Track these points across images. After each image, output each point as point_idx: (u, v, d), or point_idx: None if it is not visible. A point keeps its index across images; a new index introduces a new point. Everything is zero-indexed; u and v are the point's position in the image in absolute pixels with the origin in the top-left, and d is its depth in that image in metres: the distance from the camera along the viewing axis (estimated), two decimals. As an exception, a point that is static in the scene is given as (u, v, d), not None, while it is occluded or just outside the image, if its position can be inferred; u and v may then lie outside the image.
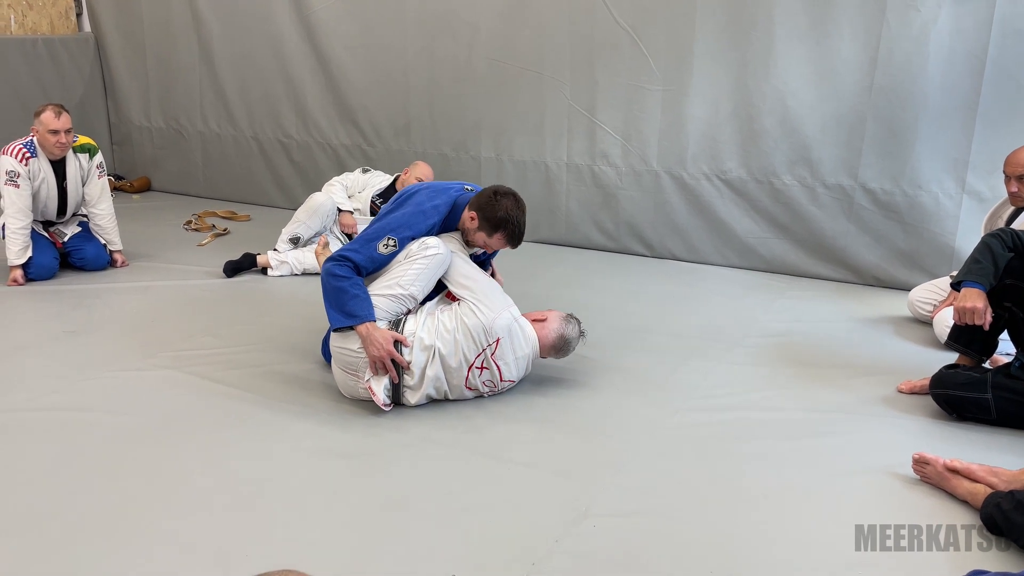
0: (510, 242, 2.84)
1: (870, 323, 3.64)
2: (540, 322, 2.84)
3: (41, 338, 3.40)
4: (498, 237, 2.80)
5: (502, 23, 4.75)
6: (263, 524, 2.12)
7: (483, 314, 2.70)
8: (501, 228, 2.78)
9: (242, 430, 2.62)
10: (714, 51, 4.24)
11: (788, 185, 4.24)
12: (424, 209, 2.82)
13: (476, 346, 2.69)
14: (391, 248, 2.76)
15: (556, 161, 4.82)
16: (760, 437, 2.60)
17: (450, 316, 2.73)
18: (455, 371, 2.71)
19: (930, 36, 3.75)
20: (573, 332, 2.86)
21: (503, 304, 2.77)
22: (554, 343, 2.83)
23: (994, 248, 2.63)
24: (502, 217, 2.76)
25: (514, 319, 2.76)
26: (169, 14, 5.93)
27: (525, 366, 2.82)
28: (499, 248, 2.91)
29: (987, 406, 2.60)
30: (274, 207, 5.83)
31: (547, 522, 2.13)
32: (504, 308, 2.76)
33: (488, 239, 2.82)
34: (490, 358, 2.72)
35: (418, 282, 2.73)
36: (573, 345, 2.88)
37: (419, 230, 2.79)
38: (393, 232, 2.77)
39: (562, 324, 2.85)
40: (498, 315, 2.72)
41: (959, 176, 3.85)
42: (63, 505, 2.19)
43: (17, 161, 3.98)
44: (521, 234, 2.83)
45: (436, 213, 2.83)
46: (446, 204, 2.86)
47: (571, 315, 2.91)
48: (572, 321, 2.88)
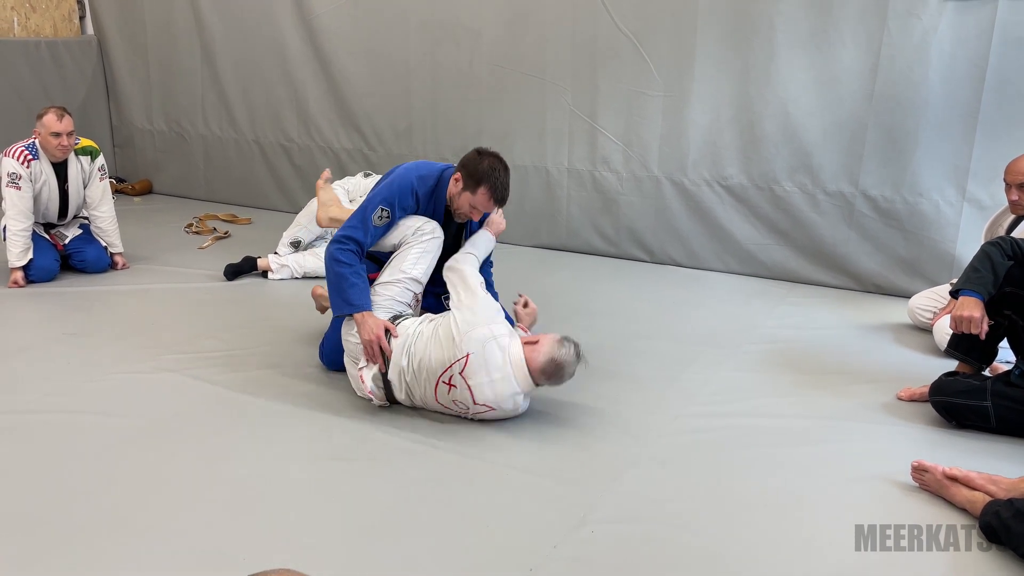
0: (493, 196, 2.82)
1: (870, 330, 3.64)
2: (531, 344, 2.59)
3: (41, 340, 3.40)
4: (481, 192, 2.80)
5: (504, 29, 4.76)
6: (262, 526, 2.12)
7: (457, 324, 2.57)
8: (484, 182, 2.79)
9: (242, 433, 2.62)
10: (715, 57, 4.25)
11: (789, 192, 4.25)
12: (411, 179, 2.89)
13: (445, 359, 2.56)
14: (385, 219, 2.83)
15: (557, 166, 4.83)
16: (760, 444, 2.59)
17: (432, 324, 2.67)
18: (423, 382, 2.63)
19: (931, 44, 3.75)
20: (567, 356, 2.56)
21: (486, 318, 2.60)
22: (543, 367, 2.55)
23: (993, 257, 2.63)
24: (484, 170, 2.79)
25: (493, 336, 2.55)
26: (172, 17, 5.95)
27: (509, 393, 2.56)
28: (485, 208, 2.85)
29: (986, 414, 2.60)
30: (275, 210, 5.84)
31: (545, 528, 2.13)
32: (486, 323, 2.58)
33: (472, 197, 2.82)
34: (458, 375, 2.55)
35: (419, 265, 2.83)
36: (568, 370, 2.58)
37: (408, 201, 2.86)
38: (384, 202, 2.84)
39: (554, 347, 2.56)
40: (474, 328, 2.55)
41: (960, 184, 3.86)
42: (63, 507, 2.19)
43: (19, 163, 3.99)
44: (505, 190, 2.83)
45: (423, 184, 2.90)
46: (432, 176, 2.93)
47: (566, 338, 2.61)
48: (567, 344, 2.58)
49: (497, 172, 2.81)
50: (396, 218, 2.86)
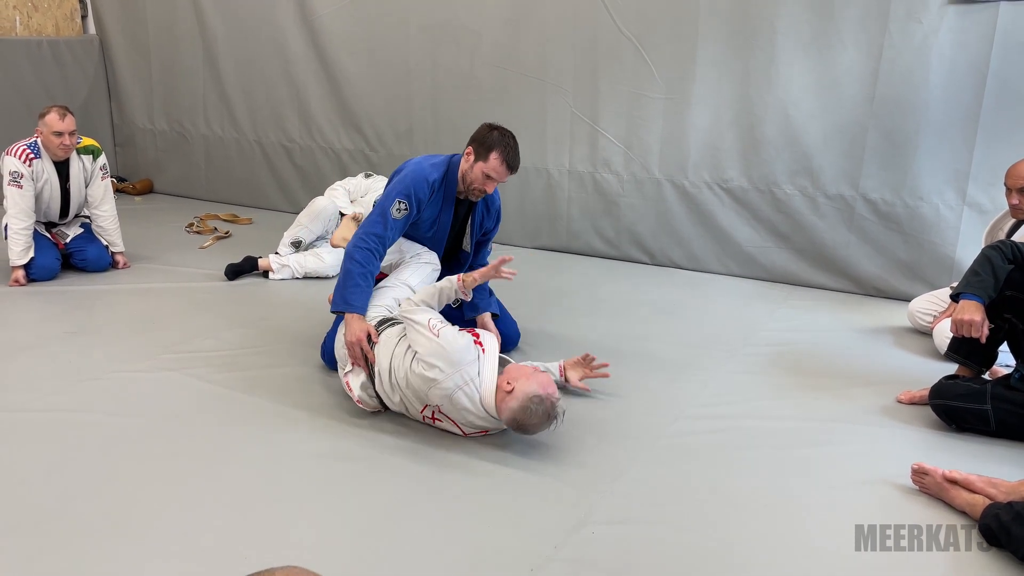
0: (506, 161, 2.86)
1: (870, 333, 3.65)
2: (506, 392, 2.43)
3: (42, 339, 3.41)
4: (493, 157, 2.85)
5: (505, 30, 4.77)
6: (262, 527, 2.13)
7: (422, 377, 2.48)
8: (495, 147, 2.85)
9: (242, 433, 2.63)
10: (717, 60, 4.25)
11: (789, 195, 4.25)
12: (424, 168, 2.99)
13: (419, 400, 2.55)
14: (403, 211, 2.93)
15: (558, 168, 4.83)
16: (759, 446, 2.60)
17: (400, 358, 2.58)
18: (410, 404, 2.60)
19: (932, 48, 3.76)
20: (532, 418, 2.39)
21: (449, 369, 2.44)
22: (508, 421, 2.44)
23: (994, 260, 2.64)
24: (495, 138, 2.87)
25: (456, 387, 2.44)
26: (174, 17, 5.95)
27: (491, 424, 2.52)
28: (497, 175, 2.89)
29: (986, 417, 2.61)
30: (276, 210, 5.85)
31: (546, 529, 2.13)
32: (448, 376, 2.44)
33: (485, 165, 2.87)
34: (440, 412, 2.53)
35: (413, 277, 3.00)
36: (535, 431, 2.46)
37: (423, 191, 2.95)
38: (401, 195, 2.94)
39: (524, 404, 2.38)
40: (437, 384, 2.45)
41: (960, 187, 3.86)
42: (63, 505, 2.20)
43: (21, 162, 3.99)
44: (515, 156, 2.89)
45: (435, 170, 3.00)
46: (443, 162, 3.03)
47: (540, 396, 2.39)
48: (538, 404, 2.39)
49: (507, 139, 2.89)
50: (412, 211, 2.95)
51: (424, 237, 3.13)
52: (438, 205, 3.04)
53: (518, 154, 2.93)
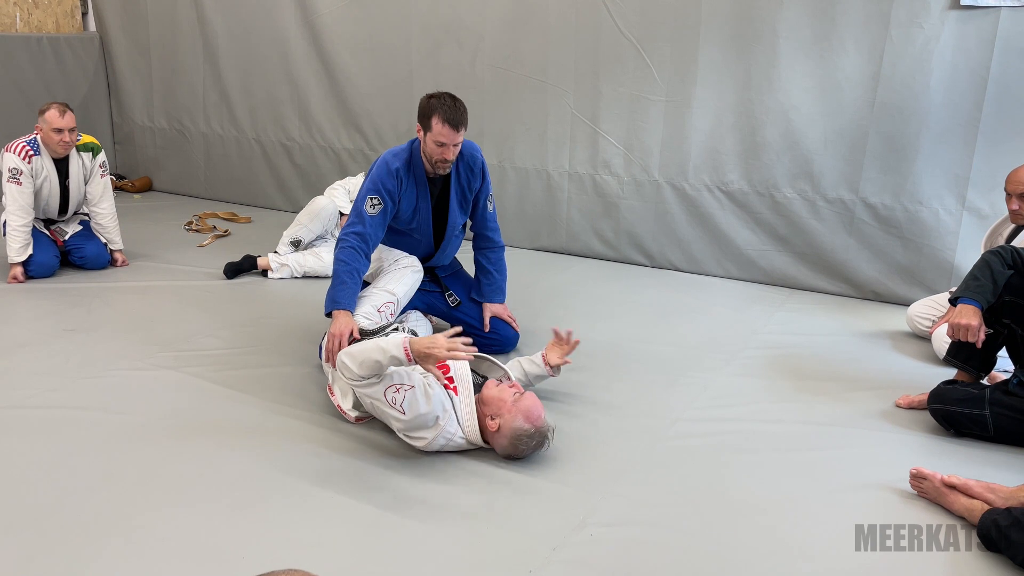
0: (447, 121, 2.83)
1: (869, 337, 3.65)
2: (494, 432, 2.44)
3: (40, 336, 3.40)
4: (435, 122, 2.85)
5: (507, 31, 4.77)
6: (259, 526, 2.12)
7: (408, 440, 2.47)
8: (433, 113, 2.85)
9: (240, 431, 2.62)
10: (718, 63, 4.25)
11: (789, 198, 4.25)
12: (385, 160, 3.02)
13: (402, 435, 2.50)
14: (377, 206, 2.97)
15: (558, 169, 4.83)
16: (758, 449, 2.60)
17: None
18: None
19: (933, 53, 3.77)
20: (526, 451, 2.44)
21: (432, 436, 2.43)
22: (503, 454, 2.47)
23: (993, 265, 2.64)
24: (432, 104, 2.87)
25: (443, 444, 2.45)
26: (174, 15, 5.95)
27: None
28: (446, 138, 2.86)
29: (984, 422, 2.61)
30: (275, 209, 5.84)
31: (545, 530, 2.13)
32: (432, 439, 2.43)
33: (431, 133, 2.88)
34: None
35: (400, 285, 3.03)
36: (528, 455, 2.48)
37: (390, 182, 2.99)
38: (370, 191, 2.98)
39: (513, 441, 2.41)
40: (423, 445, 2.45)
41: (959, 192, 3.87)
42: (60, 503, 2.19)
43: (20, 159, 3.98)
44: (455, 112, 2.85)
45: (397, 159, 3.02)
46: (404, 149, 3.06)
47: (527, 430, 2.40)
48: (528, 439, 2.41)
49: (443, 100, 2.86)
50: (387, 204, 2.99)
51: (409, 229, 3.14)
52: (413, 192, 3.05)
53: (460, 110, 2.87)
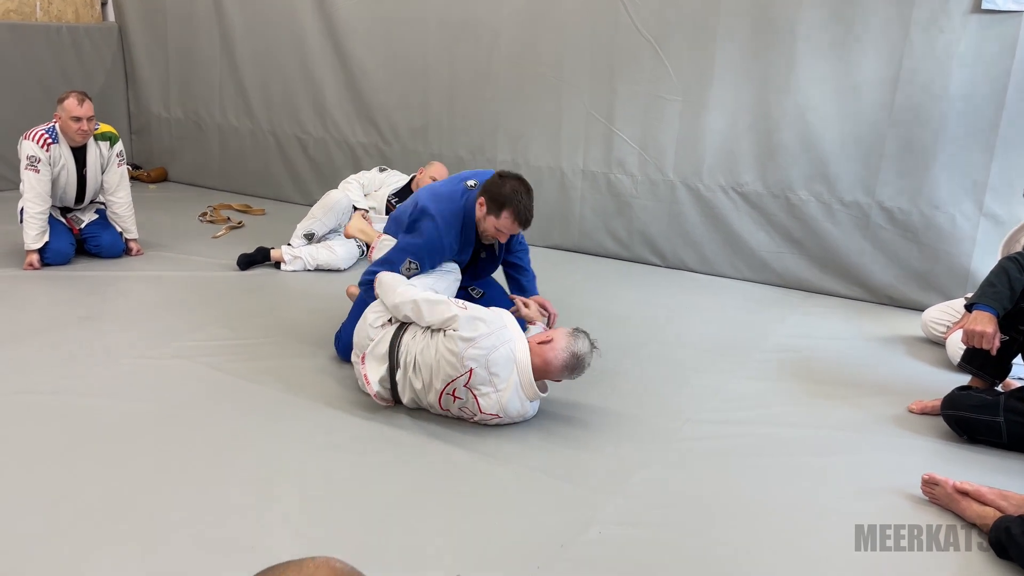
0: (518, 219, 2.84)
1: (883, 342, 3.63)
2: (546, 343, 2.57)
3: (55, 323, 3.42)
4: (505, 215, 2.83)
5: (523, 29, 4.76)
6: (269, 516, 2.13)
7: (460, 339, 2.52)
8: (507, 206, 2.82)
9: (252, 422, 2.63)
10: (735, 64, 4.24)
11: (804, 200, 4.23)
12: (438, 233, 2.90)
13: (447, 373, 2.54)
14: (413, 270, 2.94)
15: (572, 168, 4.82)
16: (769, 453, 2.59)
17: (427, 340, 2.62)
18: (427, 388, 2.62)
19: (953, 57, 3.74)
20: (584, 347, 2.58)
21: (492, 328, 2.54)
22: (566, 363, 2.56)
23: (1010, 272, 2.62)
24: (507, 194, 2.82)
25: (494, 346, 2.51)
26: (193, 7, 5.97)
27: (515, 402, 2.56)
28: (510, 231, 2.89)
29: (998, 429, 2.59)
30: (289, 202, 5.86)
31: (553, 527, 2.13)
32: (491, 332, 2.52)
33: (497, 221, 2.85)
34: (463, 387, 2.54)
35: (437, 283, 2.94)
36: (587, 361, 2.60)
37: (438, 258, 2.95)
38: (413, 257, 2.92)
39: (571, 341, 2.57)
40: (471, 344, 2.50)
41: (977, 198, 3.84)
42: (71, 490, 2.21)
43: (39, 147, 4.01)
44: (528, 212, 2.85)
45: (451, 229, 2.92)
46: (456, 213, 2.93)
47: (577, 329, 2.63)
48: (580, 335, 2.60)
49: (519, 195, 2.82)
50: (424, 268, 2.95)
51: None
52: (457, 248, 3.01)
53: (531, 207, 2.86)
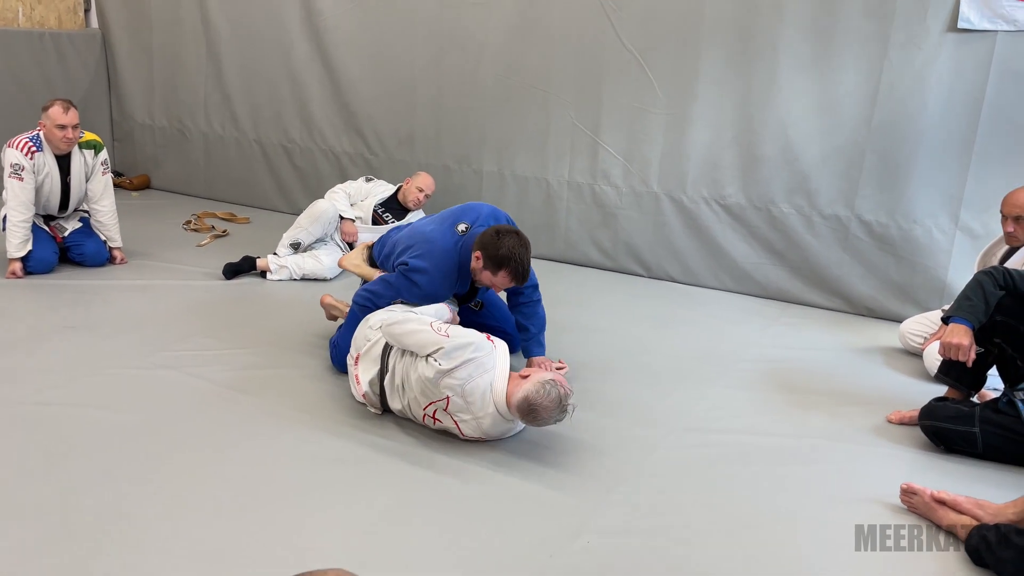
0: (515, 279, 2.84)
1: (861, 353, 3.69)
2: (521, 378, 2.51)
3: (38, 333, 3.41)
4: (502, 275, 2.83)
5: (511, 41, 4.81)
6: (256, 526, 2.14)
7: (436, 371, 2.49)
8: (504, 265, 2.81)
9: (238, 432, 2.64)
10: (718, 78, 4.30)
11: (786, 213, 4.30)
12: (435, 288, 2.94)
13: (427, 395, 2.55)
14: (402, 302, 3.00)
15: (558, 178, 4.87)
16: (751, 462, 2.63)
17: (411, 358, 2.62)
18: (412, 404, 2.64)
19: (930, 74, 3.82)
20: (544, 400, 2.41)
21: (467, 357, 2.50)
22: (519, 404, 2.44)
23: (985, 286, 2.69)
24: (504, 255, 2.80)
25: (470, 377, 2.48)
26: (178, 14, 5.96)
27: (497, 427, 2.54)
28: (505, 286, 2.91)
29: (974, 440, 2.65)
30: (274, 211, 5.86)
31: (541, 537, 2.16)
32: (467, 363, 2.48)
33: (494, 278, 2.85)
34: (443, 411, 2.55)
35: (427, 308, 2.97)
36: (543, 415, 2.44)
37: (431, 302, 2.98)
38: (405, 298, 2.96)
39: (536, 387, 2.43)
40: (448, 375, 2.48)
41: (953, 212, 3.92)
42: (56, 502, 2.20)
43: (22, 154, 3.99)
44: (525, 271, 2.84)
45: (446, 279, 2.95)
46: (451, 267, 2.95)
47: (553, 382, 2.45)
48: (552, 388, 2.43)
49: (516, 254, 2.80)
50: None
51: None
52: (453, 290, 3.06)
53: (528, 264, 2.84)
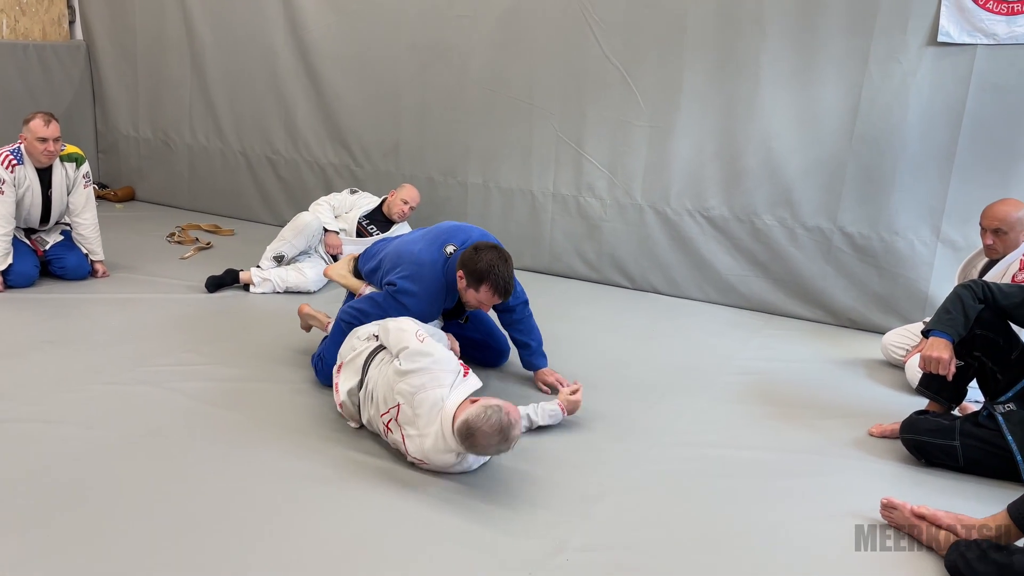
0: (496, 293, 2.82)
1: (844, 365, 3.70)
2: (470, 403, 2.40)
3: (18, 347, 3.37)
4: (484, 289, 2.81)
5: (495, 53, 4.82)
6: (237, 542, 2.12)
7: (397, 371, 2.50)
8: (485, 279, 2.80)
9: (219, 448, 2.62)
10: (701, 92, 4.32)
11: (769, 225, 4.32)
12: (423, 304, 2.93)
13: (384, 404, 2.54)
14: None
15: (542, 191, 4.87)
16: (733, 475, 2.63)
17: (384, 365, 2.64)
18: (372, 421, 2.66)
19: (910, 88, 3.85)
20: (484, 424, 2.28)
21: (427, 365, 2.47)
22: (458, 428, 2.33)
23: (965, 299, 2.70)
24: (483, 269, 2.79)
25: (424, 386, 2.43)
26: (163, 26, 5.95)
27: (437, 452, 2.41)
28: (491, 303, 2.89)
29: (955, 453, 2.66)
30: (259, 223, 5.83)
31: (522, 554, 2.15)
32: (425, 369, 2.45)
33: (477, 294, 2.84)
34: (395, 420, 2.52)
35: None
36: (481, 441, 2.31)
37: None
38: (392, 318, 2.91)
39: (479, 411, 2.32)
40: (407, 377, 2.46)
41: (934, 224, 3.95)
42: (34, 518, 2.18)
43: (3, 168, 3.96)
44: (506, 285, 2.82)
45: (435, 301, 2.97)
46: (439, 289, 2.95)
47: (501, 408, 2.33)
48: (495, 412, 2.31)
49: (496, 268, 2.79)
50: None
51: None
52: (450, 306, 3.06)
53: (510, 277, 2.84)
